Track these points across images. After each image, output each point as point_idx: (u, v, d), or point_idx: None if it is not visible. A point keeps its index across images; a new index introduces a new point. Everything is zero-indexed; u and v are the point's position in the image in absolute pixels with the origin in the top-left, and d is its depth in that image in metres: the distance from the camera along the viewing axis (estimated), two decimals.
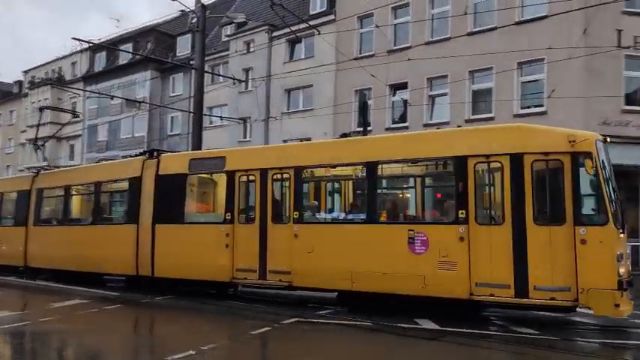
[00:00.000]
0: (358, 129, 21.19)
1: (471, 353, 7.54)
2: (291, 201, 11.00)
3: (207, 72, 22.29)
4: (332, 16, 26.21)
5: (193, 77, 23.27)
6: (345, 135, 12.08)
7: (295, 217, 10.83)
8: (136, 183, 13.41)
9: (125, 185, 13.99)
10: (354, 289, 10.05)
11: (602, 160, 8.57)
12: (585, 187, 8.51)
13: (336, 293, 10.81)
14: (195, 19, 26.62)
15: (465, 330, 8.41)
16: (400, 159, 10.19)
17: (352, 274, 10.03)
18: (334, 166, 11.09)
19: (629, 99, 19.62)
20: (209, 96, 23.95)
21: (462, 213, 9.05)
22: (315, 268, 10.45)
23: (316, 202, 11.69)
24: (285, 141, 24.97)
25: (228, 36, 31.98)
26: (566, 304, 8.39)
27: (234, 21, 30.48)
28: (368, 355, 7.59)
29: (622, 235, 8.49)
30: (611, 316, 8.26)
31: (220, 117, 27.51)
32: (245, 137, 29.76)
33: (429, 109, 23.23)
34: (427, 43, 22.36)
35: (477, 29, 21.73)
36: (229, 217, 11.65)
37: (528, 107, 20.54)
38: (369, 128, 19.30)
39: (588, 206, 8.57)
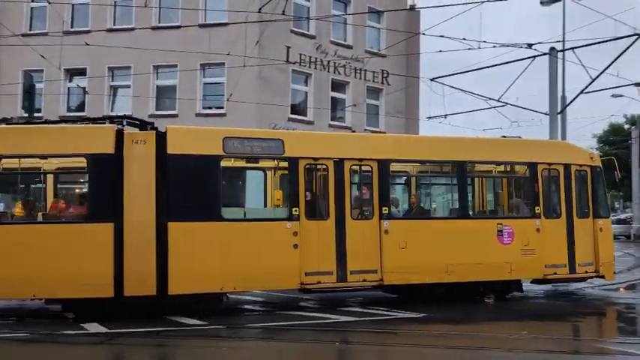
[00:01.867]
0: (25, 114, 18.70)
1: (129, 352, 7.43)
2: (375, 195, 10.40)
3: None
4: None
5: None
6: (6, 120, 10.05)
7: (385, 212, 10.30)
8: (105, 162, 9.21)
9: (81, 165, 9.53)
10: (450, 281, 10.70)
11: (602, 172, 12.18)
12: (597, 191, 11.99)
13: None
14: None
15: (132, 330, 8.23)
16: (488, 161, 11.69)
17: (448, 266, 10.60)
18: (424, 162, 11.48)
19: (294, 109, 22.35)
20: None
21: (538, 209, 11.23)
22: (409, 264, 10.30)
23: (407, 197, 11.97)
24: None
25: None
26: (593, 275, 11.79)
27: None
28: None
29: None
30: (612, 280, 12.50)
31: None
32: None
33: (110, 100, 22.12)
34: (109, 30, 21.23)
35: (162, 24, 21.65)
36: (297, 213, 9.76)
37: (210, 108, 21.46)
38: (39, 114, 17.28)
39: (598, 204, 11.98)
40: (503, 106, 20.25)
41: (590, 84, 17.08)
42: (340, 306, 10.22)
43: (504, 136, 12.80)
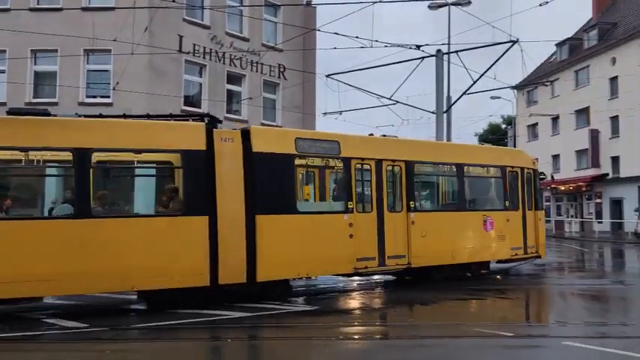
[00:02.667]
0: None
1: None
2: (404, 191, 12.22)
3: None
4: None
5: None
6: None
7: (412, 205, 12.20)
8: (198, 159, 9.68)
9: (173, 160, 10.03)
10: (454, 262, 13.05)
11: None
12: (538, 189, 15.63)
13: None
14: None
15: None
16: (478, 164, 14.20)
17: (452, 251, 12.91)
18: (436, 164, 13.45)
19: (188, 100, 21.65)
20: None
21: (507, 203, 14.23)
22: (428, 250, 12.32)
23: (425, 192, 13.58)
24: None
25: None
26: (535, 255, 15.08)
27: None
28: None
29: None
30: (545, 258, 16.53)
31: None
32: None
33: None
34: None
35: (41, 6, 20.01)
36: (351, 206, 11.26)
37: (95, 97, 20.19)
38: None
39: (537, 199, 15.53)
40: (394, 104, 21.05)
41: (471, 86, 18.23)
42: (234, 302, 10.05)
43: (384, 135, 13.58)
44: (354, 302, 11.14)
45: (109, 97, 19.86)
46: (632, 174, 34.59)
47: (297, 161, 10.97)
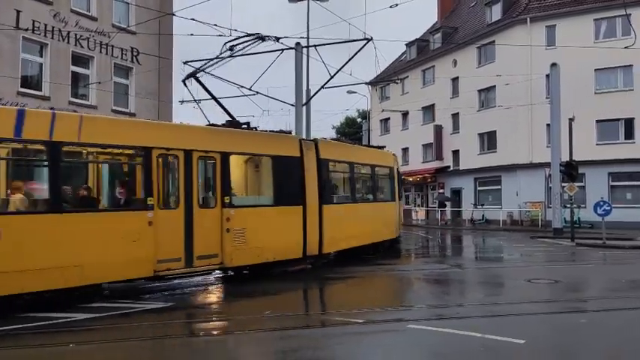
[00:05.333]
0: None
1: None
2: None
3: None
4: None
5: None
6: None
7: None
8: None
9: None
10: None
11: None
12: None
13: None
14: None
15: None
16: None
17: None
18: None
19: (26, 82, 19.58)
20: None
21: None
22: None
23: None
24: None
25: None
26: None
27: None
28: None
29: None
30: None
31: None
32: None
33: None
34: None
35: None
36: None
37: None
38: None
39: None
40: (254, 95, 20.93)
41: (329, 80, 18.71)
42: (80, 302, 9.30)
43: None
44: (212, 296, 10.93)
45: None
46: (470, 166, 38.18)
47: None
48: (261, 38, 14.23)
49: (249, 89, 20.23)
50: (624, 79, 30.76)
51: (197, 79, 13.92)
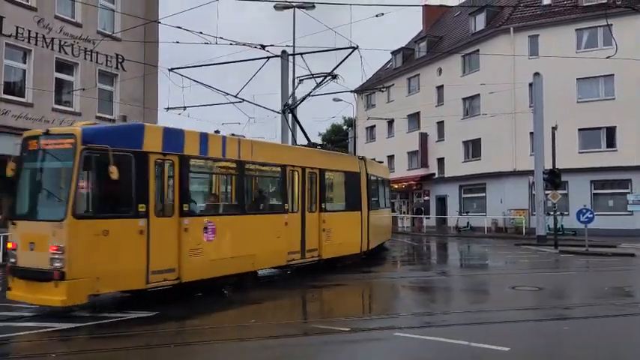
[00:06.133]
0: None
1: None
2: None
3: None
4: None
5: None
6: None
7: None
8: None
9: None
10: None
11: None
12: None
13: None
14: None
15: None
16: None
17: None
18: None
19: (9, 88, 19.36)
20: None
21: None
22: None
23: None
24: None
25: None
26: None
27: None
28: None
29: None
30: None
31: None
32: None
33: None
34: None
35: None
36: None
37: None
38: None
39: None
40: (240, 102, 20.89)
41: (315, 88, 18.72)
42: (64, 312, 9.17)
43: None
44: (198, 306, 10.83)
45: None
46: (454, 174, 38.43)
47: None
48: (334, 77, 16.93)
49: (235, 97, 20.23)
50: (606, 89, 31.25)
51: (293, 115, 18.85)
